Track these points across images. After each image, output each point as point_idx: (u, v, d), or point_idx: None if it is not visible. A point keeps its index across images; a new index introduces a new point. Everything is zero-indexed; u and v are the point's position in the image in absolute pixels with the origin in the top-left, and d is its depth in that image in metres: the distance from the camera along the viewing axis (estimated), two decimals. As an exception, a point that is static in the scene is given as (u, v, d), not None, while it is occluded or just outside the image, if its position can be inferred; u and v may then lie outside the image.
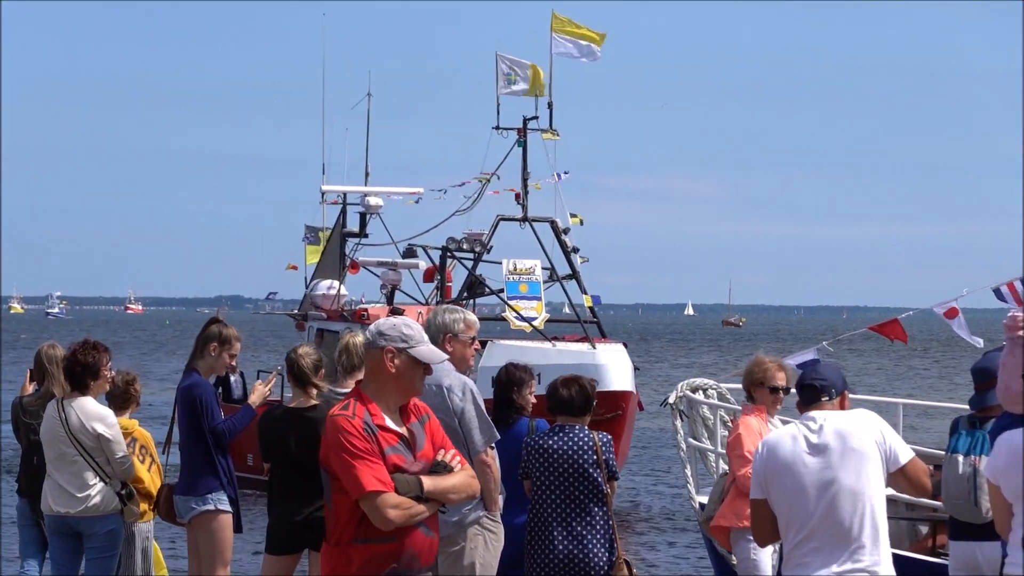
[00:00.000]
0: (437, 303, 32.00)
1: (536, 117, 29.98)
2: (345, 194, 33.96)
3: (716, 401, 13.40)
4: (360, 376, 10.30)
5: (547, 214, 30.27)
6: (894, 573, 7.37)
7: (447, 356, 8.45)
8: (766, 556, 10.64)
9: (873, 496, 7.31)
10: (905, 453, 7.40)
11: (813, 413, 7.47)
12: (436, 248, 29.91)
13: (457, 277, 31.03)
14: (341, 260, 33.04)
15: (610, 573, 10.08)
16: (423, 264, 32.53)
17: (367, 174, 34.98)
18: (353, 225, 33.45)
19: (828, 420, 7.41)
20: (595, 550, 10.08)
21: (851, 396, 7.85)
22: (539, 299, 29.30)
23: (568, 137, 29.91)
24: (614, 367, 27.78)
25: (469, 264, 30.24)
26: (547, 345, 28.25)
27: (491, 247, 30.18)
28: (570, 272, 30.01)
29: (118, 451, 10.99)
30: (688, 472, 13.50)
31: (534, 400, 10.80)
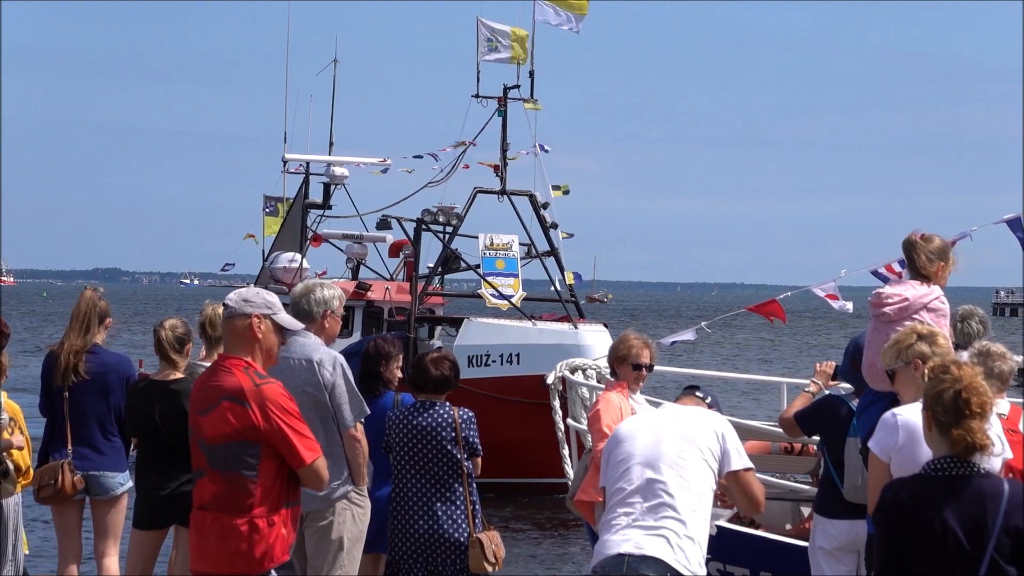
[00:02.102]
0: (406, 279, 30.17)
1: (518, 86, 28.11)
2: (308, 163, 31.97)
3: (595, 383, 12.77)
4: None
5: (525, 187, 28.31)
6: (694, 546, 7.18)
7: (303, 325, 8.35)
8: None
9: (692, 470, 7.27)
10: (743, 460, 7.39)
11: (669, 404, 7.66)
12: (410, 220, 27.81)
13: (429, 251, 29.11)
14: (302, 232, 31.10)
15: (467, 550, 10.00)
16: (390, 237, 30.61)
17: (331, 143, 33.17)
18: (316, 196, 31.34)
19: (676, 407, 7.60)
20: (454, 527, 9.99)
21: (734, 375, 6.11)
22: (516, 276, 27.55)
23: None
24: (597, 348, 26.00)
25: (440, 238, 28.16)
26: (527, 324, 26.52)
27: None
28: (549, 248, 28.08)
29: None
30: (565, 452, 13.07)
31: (400, 374, 10.77)
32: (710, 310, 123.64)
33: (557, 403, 13.06)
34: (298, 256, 30.59)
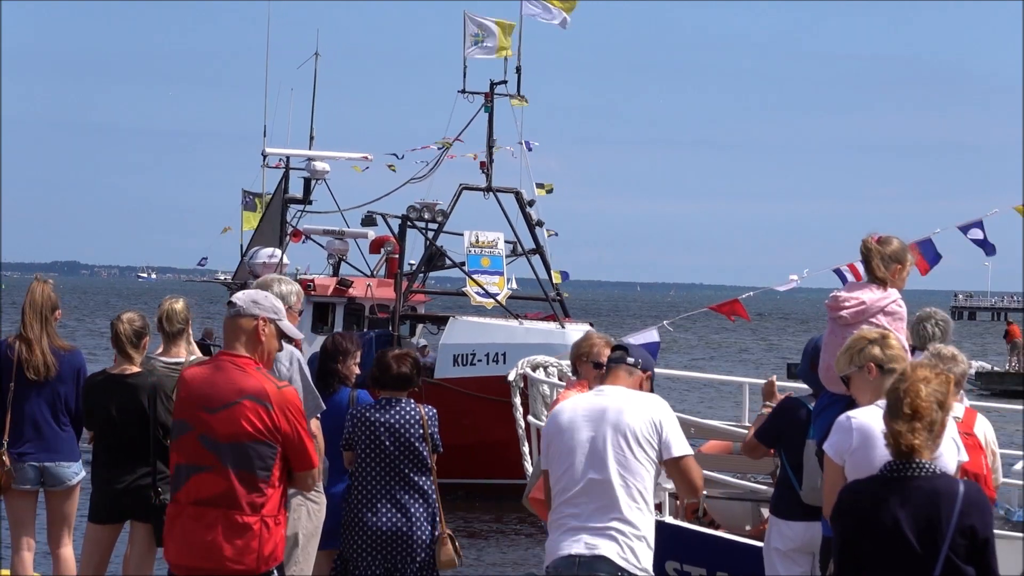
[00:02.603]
0: (387, 275, 29.65)
1: (505, 81, 27.72)
2: (288, 157, 31.38)
3: (556, 380, 12.80)
4: (183, 343, 10.50)
5: (510, 184, 27.89)
6: (642, 543, 7.39)
7: (303, 336, 8.44)
8: None
9: (632, 467, 7.38)
10: (681, 447, 7.46)
11: (605, 386, 7.62)
12: (395, 216, 27.32)
13: (413, 248, 28.66)
14: (282, 227, 30.62)
15: (433, 547, 9.96)
16: (372, 234, 30.14)
17: (311, 138, 32.74)
18: (296, 191, 30.87)
19: (616, 392, 7.55)
20: (419, 524, 9.94)
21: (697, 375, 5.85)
22: (501, 274, 27.14)
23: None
24: (585, 348, 25.41)
25: (425, 235, 27.67)
26: (513, 323, 26.06)
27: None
28: (534, 246, 27.65)
29: None
30: (525, 450, 13.00)
31: (357, 371, 10.75)
32: (670, 310, 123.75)
33: (518, 400, 12.93)
34: (278, 252, 30.19)
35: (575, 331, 26.23)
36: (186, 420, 7.44)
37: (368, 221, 28.01)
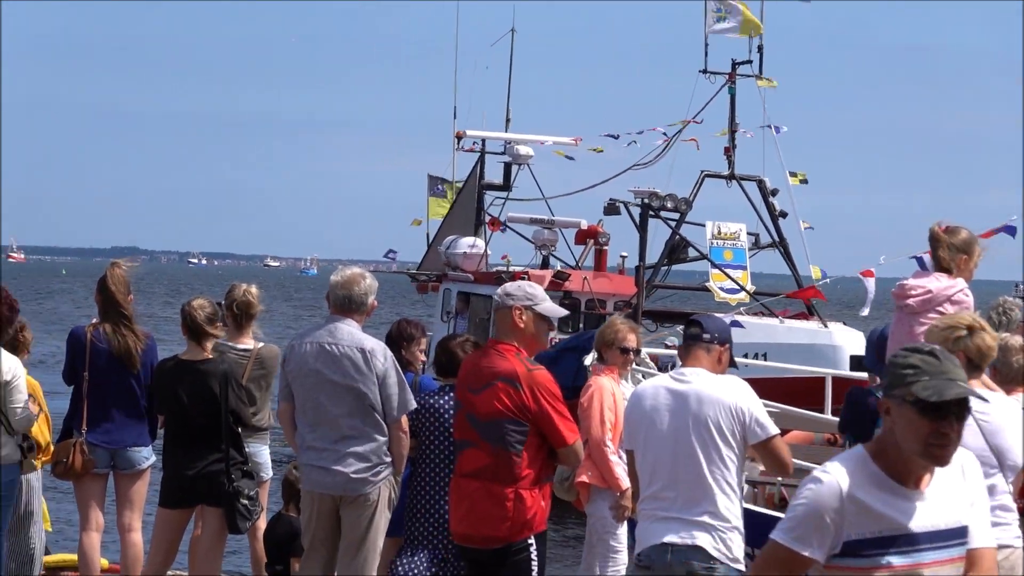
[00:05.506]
0: (596, 268, 26.75)
1: (749, 61, 24.75)
2: (484, 141, 28.26)
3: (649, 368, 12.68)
4: (251, 330, 10.90)
5: (752, 172, 25.00)
6: (734, 534, 7.31)
7: (565, 312, 8.80)
8: None
9: (718, 460, 7.28)
10: (766, 429, 7.35)
11: (685, 368, 7.50)
12: (636, 205, 24.29)
13: (624, 239, 25.80)
14: (478, 216, 27.66)
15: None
16: (584, 223, 27.17)
17: (507, 120, 29.76)
18: (492, 177, 27.95)
19: (696, 378, 7.43)
20: None
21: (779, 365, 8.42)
22: (744, 268, 24.31)
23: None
24: (850, 348, 22.46)
25: (670, 225, 24.72)
26: (773, 321, 23.11)
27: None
28: (778, 239, 24.59)
29: (19, 403, 10.35)
30: None
31: (423, 358, 10.76)
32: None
33: None
34: (480, 242, 27.65)
35: (840, 332, 23.26)
36: (459, 400, 8.32)
37: (611, 209, 25.05)
